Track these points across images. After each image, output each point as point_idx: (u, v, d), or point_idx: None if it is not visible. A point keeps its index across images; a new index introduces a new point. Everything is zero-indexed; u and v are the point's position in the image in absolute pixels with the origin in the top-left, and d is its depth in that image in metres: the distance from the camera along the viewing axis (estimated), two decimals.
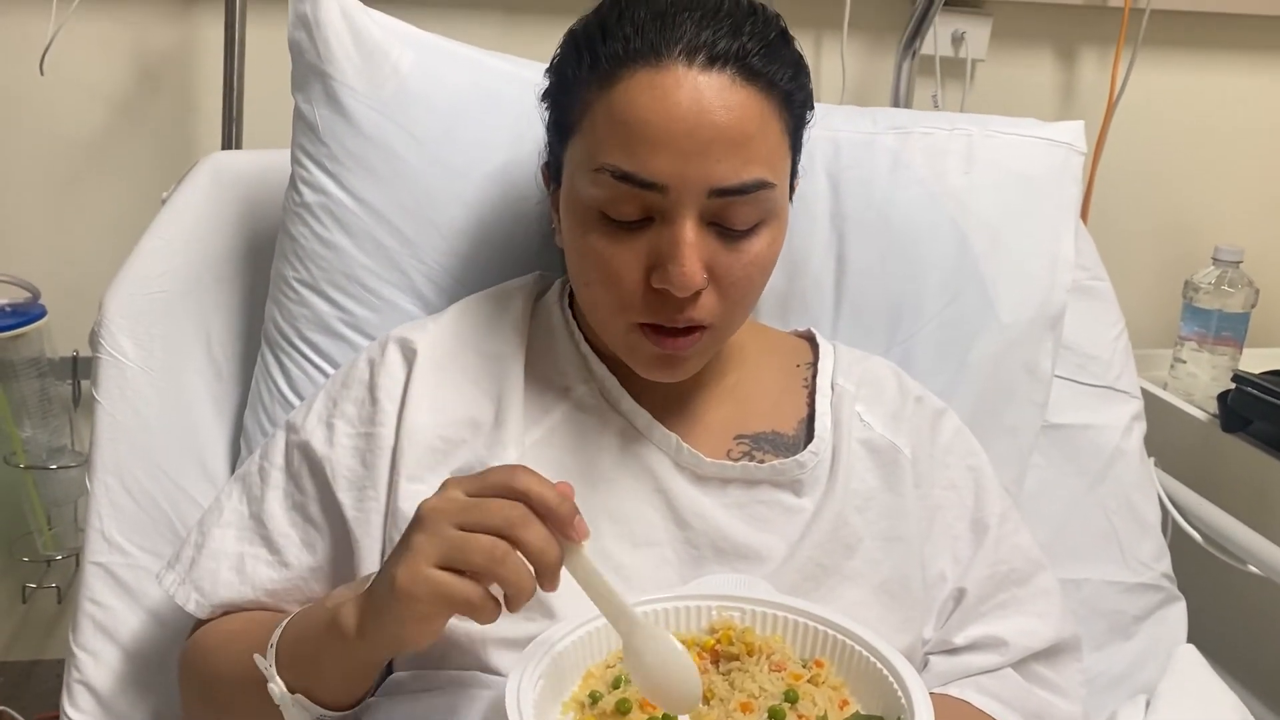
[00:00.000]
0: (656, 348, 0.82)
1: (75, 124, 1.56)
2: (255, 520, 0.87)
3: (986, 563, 0.92)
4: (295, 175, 1.01)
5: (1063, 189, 1.12)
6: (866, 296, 1.08)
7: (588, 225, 0.80)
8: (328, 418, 0.88)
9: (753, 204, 0.79)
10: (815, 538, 0.86)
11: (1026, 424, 1.11)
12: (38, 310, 1.52)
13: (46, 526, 1.64)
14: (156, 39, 1.55)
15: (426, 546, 0.66)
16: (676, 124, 0.76)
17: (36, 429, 1.59)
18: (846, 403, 0.92)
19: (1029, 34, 1.82)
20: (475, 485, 0.69)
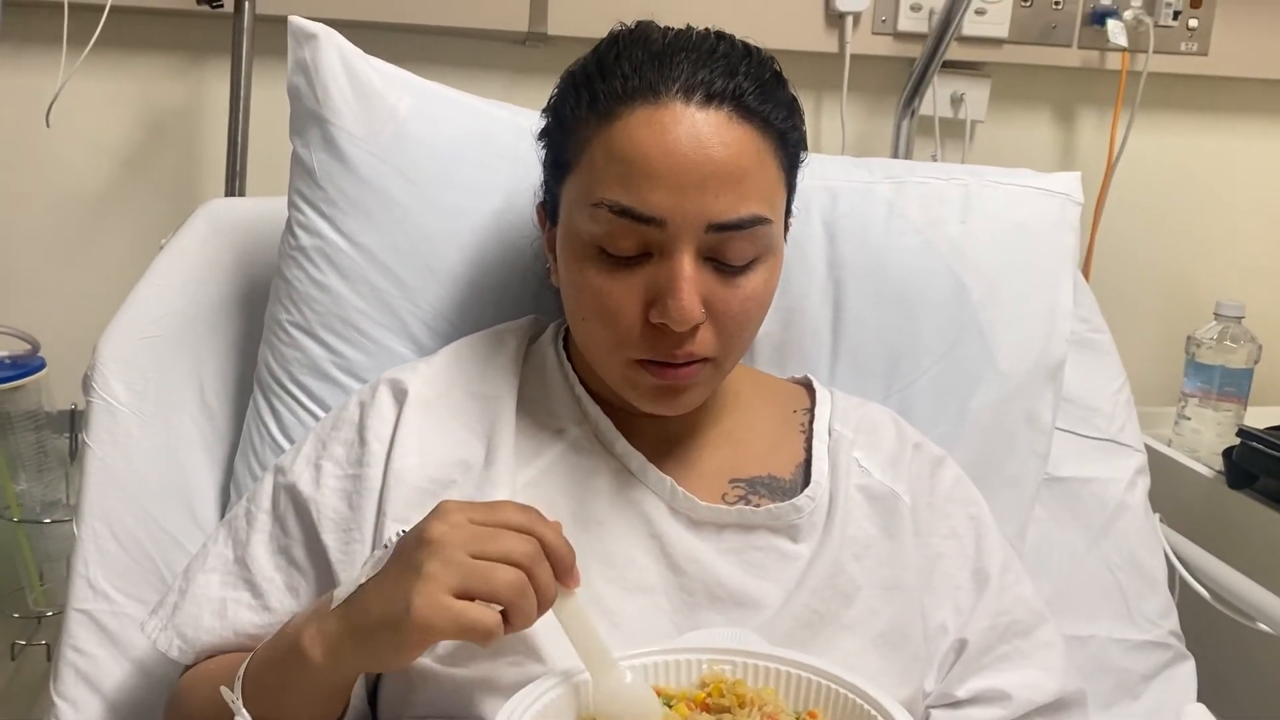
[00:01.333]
0: (656, 379, 0.81)
1: (80, 177, 1.57)
2: (240, 564, 0.86)
3: (988, 613, 0.90)
4: (291, 219, 1.01)
5: (1060, 238, 1.12)
6: (864, 344, 1.07)
7: (585, 261, 0.80)
8: (316, 459, 0.88)
9: (750, 239, 0.79)
10: (812, 585, 0.84)
11: (1028, 475, 1.10)
12: (37, 363, 1.51)
13: (38, 582, 1.61)
14: (163, 94, 1.57)
15: (443, 575, 0.67)
16: (675, 159, 0.77)
17: (32, 482, 1.56)
18: (844, 448, 0.91)
19: (1028, 95, 1.83)
20: (484, 515, 0.70)
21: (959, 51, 1.73)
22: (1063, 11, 1.75)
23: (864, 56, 1.72)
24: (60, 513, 1.57)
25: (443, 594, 0.66)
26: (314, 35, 1.00)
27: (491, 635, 0.67)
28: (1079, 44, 1.77)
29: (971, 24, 1.71)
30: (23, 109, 1.49)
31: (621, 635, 0.80)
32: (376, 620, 0.69)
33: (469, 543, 0.68)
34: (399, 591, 0.68)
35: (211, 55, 1.55)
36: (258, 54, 1.43)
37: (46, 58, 1.44)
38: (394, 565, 0.70)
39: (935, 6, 1.69)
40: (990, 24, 1.74)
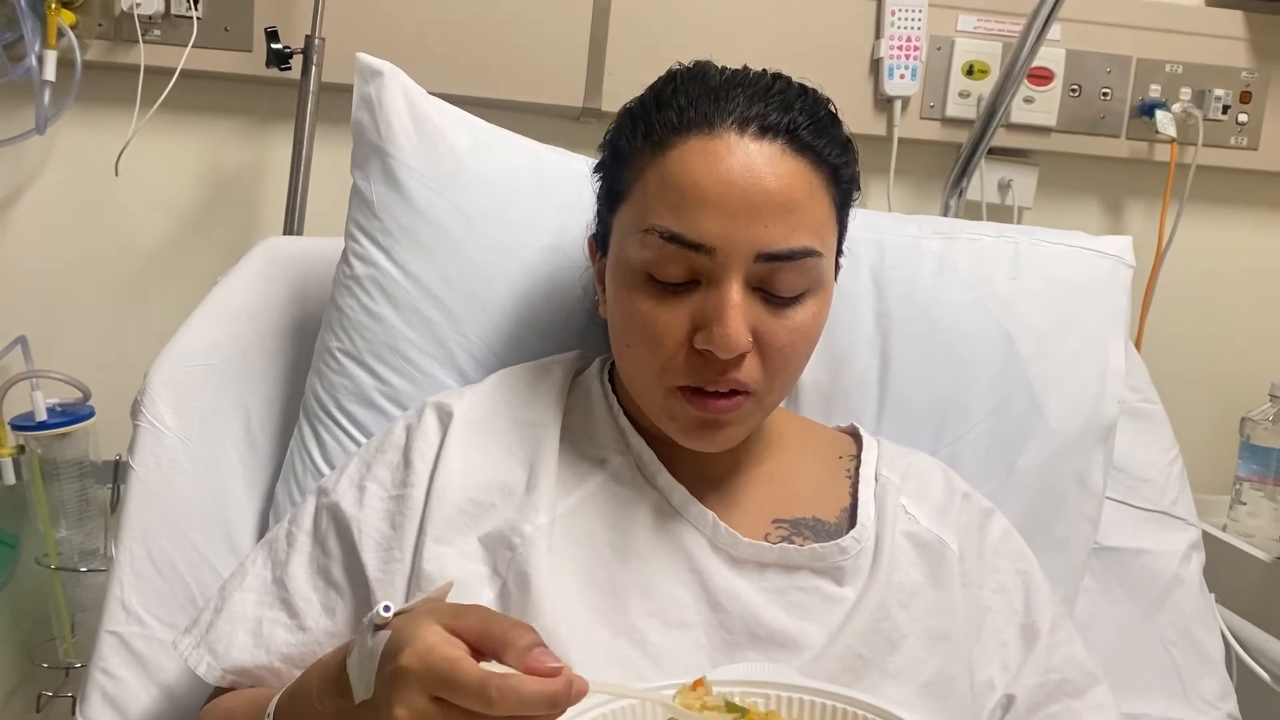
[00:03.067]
0: (697, 411, 0.80)
1: (141, 233, 1.61)
2: (277, 584, 0.86)
3: (1038, 670, 0.87)
4: (348, 249, 1.03)
5: (1112, 299, 1.11)
6: (911, 397, 1.06)
7: (633, 287, 0.81)
8: (360, 480, 0.88)
9: (799, 271, 0.79)
10: (856, 628, 0.82)
11: (1078, 539, 1.07)
12: (86, 411, 1.53)
13: (70, 633, 1.60)
14: (227, 156, 1.61)
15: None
16: (727, 187, 0.77)
17: (72, 530, 1.56)
18: (891, 494, 0.90)
19: (1075, 185, 1.84)
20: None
21: (1007, 138, 1.74)
22: (1111, 102, 1.77)
23: (912, 140, 1.74)
24: (97, 562, 1.57)
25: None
26: (380, 72, 1.04)
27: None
28: (1127, 135, 1.78)
29: (1020, 111, 1.73)
30: (93, 164, 1.54)
31: (660, 671, 0.78)
32: None
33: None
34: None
35: (274, 121, 1.60)
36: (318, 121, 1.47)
37: (119, 118, 1.50)
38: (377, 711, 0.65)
39: (983, 93, 1.71)
40: (1039, 112, 1.76)
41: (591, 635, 0.79)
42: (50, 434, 1.50)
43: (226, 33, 1.51)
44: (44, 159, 1.56)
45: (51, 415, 1.50)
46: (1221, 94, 1.76)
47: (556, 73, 1.58)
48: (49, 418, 1.49)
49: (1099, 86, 1.76)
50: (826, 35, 1.64)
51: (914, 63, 1.69)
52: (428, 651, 0.62)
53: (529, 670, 0.60)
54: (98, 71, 1.49)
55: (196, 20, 1.47)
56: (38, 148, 1.54)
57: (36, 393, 1.48)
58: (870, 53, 1.67)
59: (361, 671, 0.66)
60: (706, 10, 1.61)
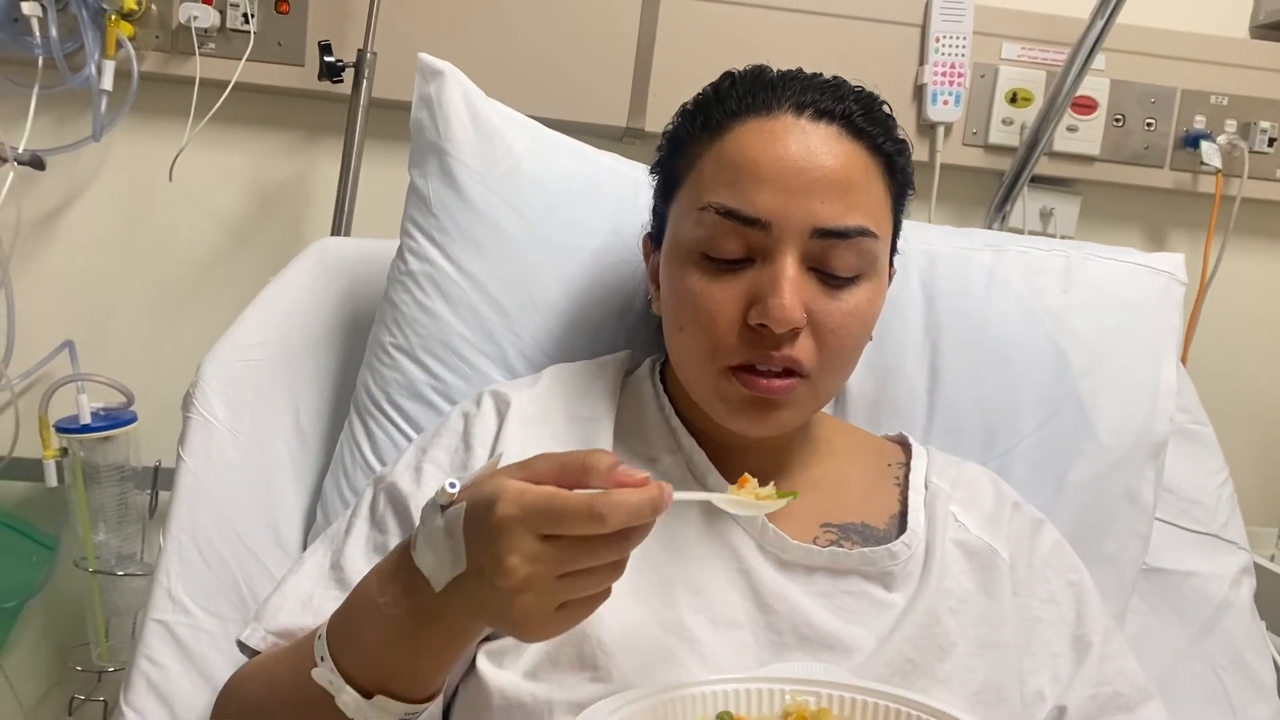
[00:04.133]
0: (747, 390, 0.80)
1: (190, 242, 1.63)
2: (334, 568, 0.85)
3: (1089, 682, 0.86)
4: (403, 246, 1.04)
5: (1163, 316, 1.10)
6: (960, 408, 1.06)
7: (687, 267, 0.81)
8: (417, 464, 0.88)
9: (855, 251, 0.79)
10: (906, 633, 0.81)
11: (1128, 556, 1.05)
12: (129, 416, 1.54)
13: (104, 637, 1.61)
14: (275, 168, 1.63)
15: (535, 605, 0.63)
16: (783, 163, 0.78)
17: (110, 534, 1.57)
18: (941, 501, 0.89)
19: (1118, 214, 1.83)
20: (552, 526, 0.64)
21: (1049, 167, 1.74)
22: (1155, 133, 1.76)
23: (954, 167, 1.74)
24: (134, 567, 1.58)
25: (550, 614, 0.64)
26: (440, 72, 1.05)
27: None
28: (1171, 165, 1.77)
29: (1063, 140, 1.73)
30: (145, 173, 1.57)
31: (707, 668, 0.77)
32: (499, 625, 0.67)
33: (552, 572, 0.63)
34: (504, 616, 0.65)
35: (322, 135, 1.62)
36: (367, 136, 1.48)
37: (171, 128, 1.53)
38: (479, 579, 0.64)
39: (1026, 121, 1.71)
40: (1082, 141, 1.75)
41: (641, 630, 0.78)
42: (93, 437, 1.51)
43: (279, 47, 1.54)
44: (97, 167, 1.58)
45: (95, 419, 1.51)
46: (1267, 126, 1.75)
47: (601, 92, 1.59)
48: (92, 421, 1.50)
49: (1143, 117, 1.75)
50: (871, 61, 1.65)
51: (957, 89, 1.70)
52: (521, 495, 0.62)
53: (620, 485, 0.62)
54: (153, 82, 1.52)
55: (252, 34, 1.49)
56: (92, 156, 1.57)
57: (81, 396, 1.49)
58: (914, 79, 1.69)
59: (442, 551, 0.66)
60: (752, 34, 1.62)
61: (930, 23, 1.67)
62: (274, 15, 1.53)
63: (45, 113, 1.49)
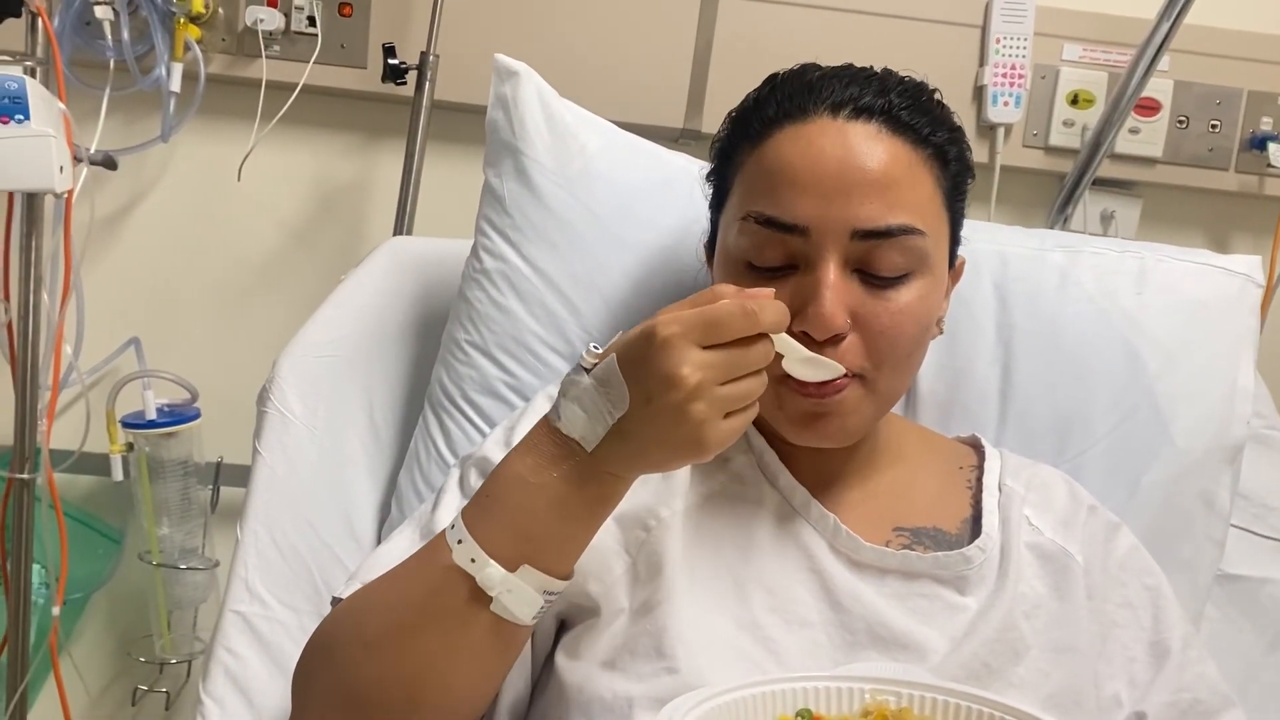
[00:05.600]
0: (802, 399, 0.80)
1: (253, 242, 1.65)
2: (425, 535, 0.84)
3: (1168, 689, 0.85)
4: (477, 244, 1.05)
5: (1240, 318, 1.09)
6: (1033, 410, 1.05)
7: (734, 277, 0.81)
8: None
9: (899, 250, 0.79)
10: (983, 636, 0.80)
11: (1203, 561, 1.04)
12: (193, 412, 1.57)
13: (167, 629, 1.63)
14: (338, 170, 1.65)
15: (712, 410, 0.67)
16: (819, 166, 0.78)
17: (174, 528, 1.60)
18: (1015, 504, 0.88)
19: (1180, 218, 1.80)
20: (712, 337, 0.67)
21: (1110, 169, 1.71)
22: (1220, 134, 1.73)
23: (1014, 169, 1.72)
24: (196, 561, 1.60)
25: (719, 423, 0.67)
26: (515, 72, 1.06)
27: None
28: (1236, 168, 1.73)
29: (1125, 142, 1.70)
30: (211, 174, 1.59)
31: (781, 667, 0.77)
32: (666, 452, 0.69)
33: (717, 379, 0.67)
34: (677, 435, 0.67)
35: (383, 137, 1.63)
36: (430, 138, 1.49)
37: (237, 130, 1.55)
38: (645, 408, 0.67)
39: (1088, 122, 1.69)
40: (1144, 143, 1.72)
41: (715, 626, 0.78)
42: (158, 433, 1.53)
43: (343, 49, 1.55)
44: (164, 167, 1.61)
45: (160, 415, 1.54)
46: None
47: (658, 94, 1.59)
48: (158, 417, 1.53)
49: (1208, 118, 1.72)
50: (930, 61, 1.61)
51: (1018, 90, 1.68)
52: (678, 316, 0.67)
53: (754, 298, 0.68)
54: (219, 84, 1.54)
55: (319, 37, 1.51)
56: (159, 156, 1.59)
57: (147, 392, 1.51)
58: (974, 79, 1.67)
59: (596, 404, 0.69)
60: (810, 35, 1.62)
61: (990, 23, 1.66)
62: (337, 18, 1.54)
63: (116, 114, 1.52)
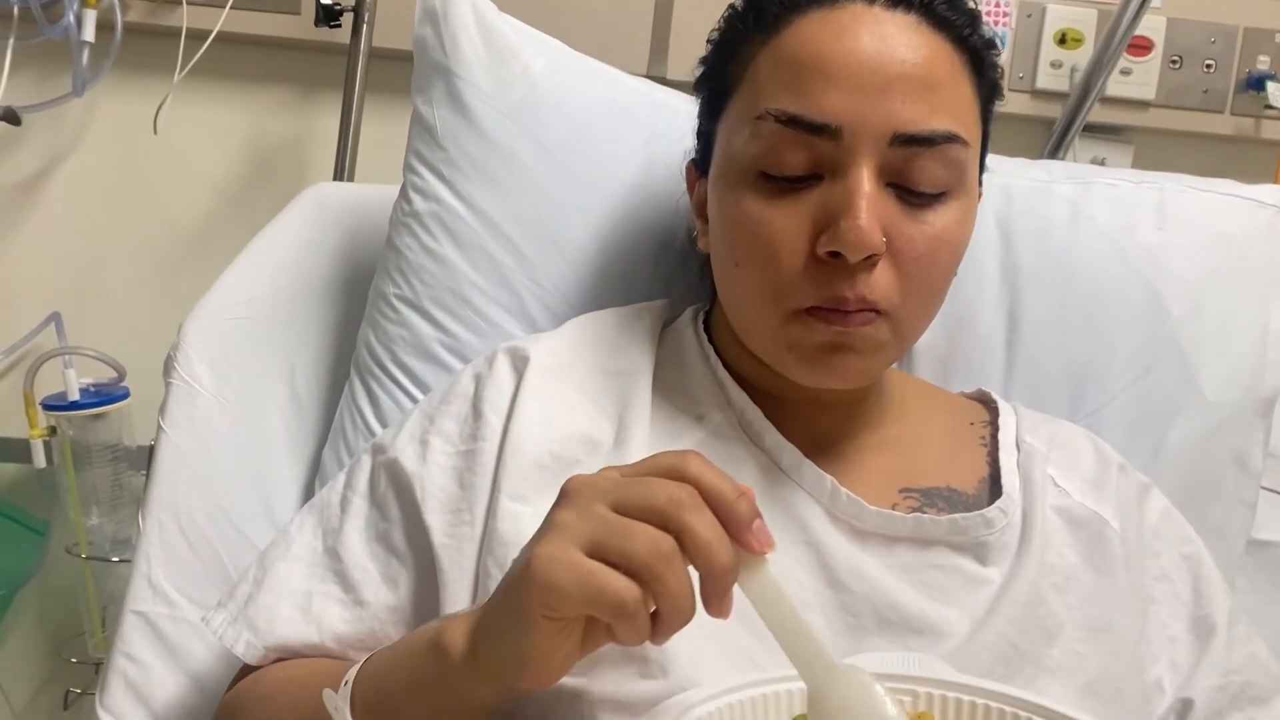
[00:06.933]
0: (824, 327, 0.68)
1: (183, 205, 1.55)
2: (330, 554, 0.74)
3: (1217, 671, 0.75)
4: (407, 183, 0.93)
5: (1270, 254, 0.98)
6: (1044, 360, 0.94)
7: (742, 190, 0.69)
8: (422, 435, 0.76)
9: (941, 161, 0.67)
10: (1008, 613, 0.70)
11: (1235, 527, 0.94)
12: (121, 392, 1.46)
13: (100, 627, 1.53)
14: (270, 126, 1.55)
15: (575, 525, 0.53)
16: (855, 57, 0.66)
17: (104, 517, 1.49)
18: (1037, 463, 0.77)
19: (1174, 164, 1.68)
20: (634, 469, 0.56)
21: (1101, 113, 1.63)
22: (1215, 74, 1.65)
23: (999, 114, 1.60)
24: (129, 553, 1.49)
25: (571, 547, 0.52)
26: None
27: (626, 611, 0.52)
28: (1232, 110, 1.67)
29: (1115, 84, 1.63)
30: (133, 133, 1.48)
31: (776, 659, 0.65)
32: (499, 597, 0.56)
33: (610, 491, 0.54)
34: (526, 550, 0.55)
35: (319, 90, 1.54)
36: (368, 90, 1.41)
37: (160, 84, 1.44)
38: (541, 526, 0.56)
39: (1078, 64, 1.61)
40: (1136, 85, 1.65)
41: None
42: (83, 415, 1.43)
43: None
44: (81, 126, 1.51)
45: (84, 396, 1.44)
46: None
47: (619, 39, 1.49)
48: (82, 398, 1.43)
49: (1202, 58, 1.66)
50: None
51: (1003, 29, 1.61)
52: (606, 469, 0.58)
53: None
54: (139, 34, 1.44)
55: None
56: (75, 114, 1.49)
57: (69, 371, 1.42)
58: None
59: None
60: None
61: None
62: None
63: (23, 67, 1.43)
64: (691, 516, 0.52)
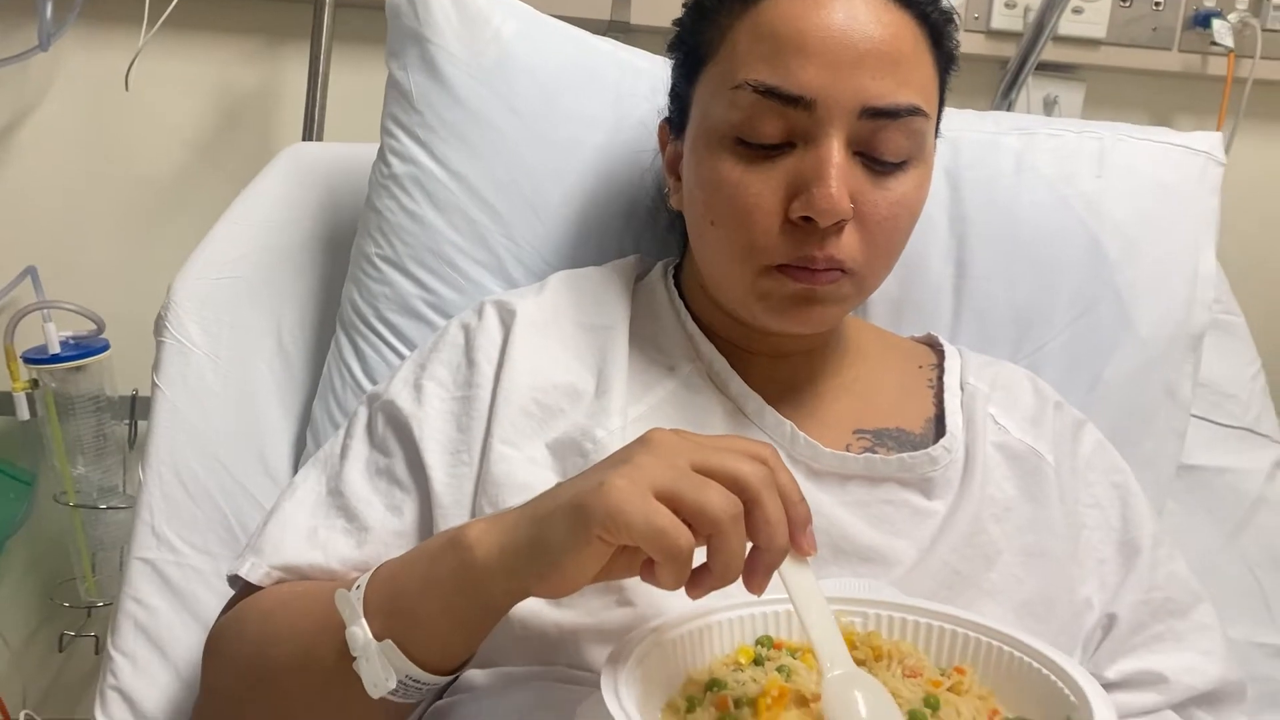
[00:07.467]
0: (793, 282, 0.73)
1: (154, 157, 1.55)
2: (333, 494, 0.78)
3: (1140, 588, 0.82)
4: (384, 146, 0.96)
5: (1202, 200, 1.04)
6: (989, 304, 1.00)
7: (719, 154, 0.74)
8: (415, 380, 0.81)
9: (904, 132, 0.72)
10: (951, 542, 0.76)
11: (1166, 455, 1.01)
12: (100, 344, 1.47)
13: (90, 571, 1.56)
14: (239, 77, 1.55)
15: (654, 468, 0.56)
16: (829, 33, 0.70)
17: (89, 467, 1.52)
18: (979, 403, 0.83)
19: (1124, 101, 1.76)
20: (716, 441, 0.60)
21: (1053, 52, 1.65)
22: (1164, 12, 1.69)
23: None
24: (116, 499, 1.52)
25: (645, 486, 0.55)
26: None
27: (678, 555, 0.55)
28: (1180, 47, 1.70)
29: (1067, 23, 1.65)
30: (101, 85, 1.48)
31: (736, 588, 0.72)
32: (563, 502, 0.58)
33: (694, 451, 0.57)
34: (597, 474, 0.58)
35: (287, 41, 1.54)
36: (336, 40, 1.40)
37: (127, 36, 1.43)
38: (601, 462, 0.60)
39: (1031, 3, 1.63)
40: (1087, 24, 1.67)
41: None
42: (64, 367, 1.45)
43: None
44: (49, 80, 1.50)
45: (65, 348, 1.45)
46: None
47: None
48: (62, 351, 1.44)
49: None
50: None
51: None
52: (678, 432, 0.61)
53: None
54: None
55: None
56: (41, 68, 1.48)
57: (49, 325, 1.42)
58: None
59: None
60: None
61: None
62: None
63: None
64: (767, 495, 0.57)
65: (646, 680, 0.62)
